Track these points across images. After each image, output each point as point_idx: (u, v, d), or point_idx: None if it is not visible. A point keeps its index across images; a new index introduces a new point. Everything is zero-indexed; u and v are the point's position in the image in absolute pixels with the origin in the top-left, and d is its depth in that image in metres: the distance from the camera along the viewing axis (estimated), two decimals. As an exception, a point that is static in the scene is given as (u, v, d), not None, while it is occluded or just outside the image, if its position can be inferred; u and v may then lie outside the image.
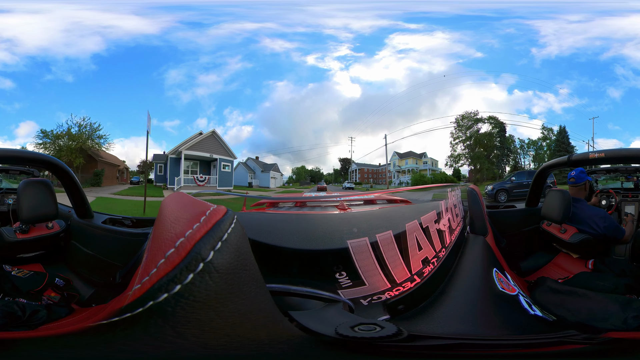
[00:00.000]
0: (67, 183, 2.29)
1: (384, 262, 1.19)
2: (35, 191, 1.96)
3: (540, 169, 3.04)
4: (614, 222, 2.44)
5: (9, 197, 3.41)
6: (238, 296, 0.58)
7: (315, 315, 0.88)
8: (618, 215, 3.80)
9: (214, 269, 0.55)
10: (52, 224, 2.10)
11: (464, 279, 1.39)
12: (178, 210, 0.69)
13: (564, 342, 0.91)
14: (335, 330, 0.73)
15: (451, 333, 1.08)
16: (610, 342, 0.91)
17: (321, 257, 1.18)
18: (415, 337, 0.79)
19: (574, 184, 2.69)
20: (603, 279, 1.97)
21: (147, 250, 0.70)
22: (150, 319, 0.54)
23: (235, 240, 0.59)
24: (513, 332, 1.17)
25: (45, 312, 1.39)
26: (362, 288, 1.16)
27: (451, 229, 1.71)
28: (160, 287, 0.53)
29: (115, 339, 0.58)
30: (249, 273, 0.60)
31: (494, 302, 1.31)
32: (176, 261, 0.54)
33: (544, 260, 2.68)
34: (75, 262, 2.25)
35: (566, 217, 2.43)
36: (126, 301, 0.56)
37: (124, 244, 2.11)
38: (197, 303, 0.54)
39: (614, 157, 2.29)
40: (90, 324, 0.62)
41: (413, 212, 1.46)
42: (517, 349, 0.91)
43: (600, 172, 4.37)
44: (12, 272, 1.81)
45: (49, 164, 2.14)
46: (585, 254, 2.42)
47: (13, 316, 1.29)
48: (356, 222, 1.32)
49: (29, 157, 2.28)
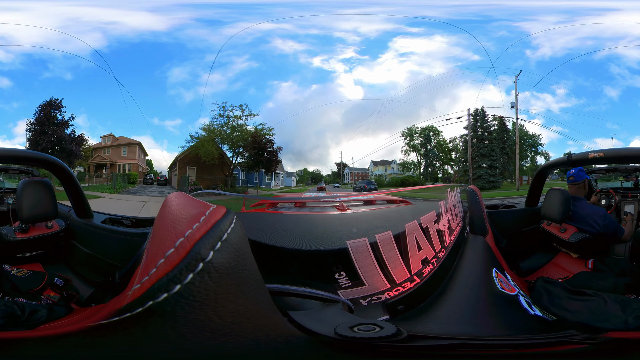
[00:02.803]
0: (67, 182, 2.29)
1: (384, 263, 1.19)
2: (34, 191, 1.96)
3: (540, 169, 3.05)
4: (614, 221, 2.44)
5: (8, 196, 3.42)
6: (237, 296, 0.58)
7: (314, 316, 0.88)
8: (617, 214, 3.80)
9: (213, 269, 0.55)
10: (52, 223, 2.10)
11: (464, 279, 1.39)
12: (178, 210, 0.69)
13: (565, 342, 0.91)
14: (335, 331, 0.73)
15: (451, 333, 1.08)
16: (611, 342, 0.91)
17: (320, 258, 1.18)
18: (414, 338, 0.79)
19: (573, 182, 2.69)
20: (603, 279, 1.98)
21: (146, 250, 0.70)
22: (149, 319, 0.54)
23: (235, 240, 0.59)
24: (513, 332, 1.17)
25: (44, 311, 1.38)
26: (361, 288, 1.16)
27: (451, 229, 1.71)
28: (160, 287, 0.53)
29: (115, 338, 0.58)
30: (248, 273, 0.60)
31: (494, 302, 1.31)
32: (176, 261, 0.54)
33: (543, 260, 2.68)
34: (74, 261, 2.24)
35: (566, 216, 2.43)
36: (126, 301, 0.56)
37: (123, 243, 2.11)
38: (196, 303, 0.54)
39: (613, 157, 2.30)
40: (90, 323, 0.62)
41: (412, 212, 1.46)
42: (517, 349, 0.91)
43: (599, 171, 4.37)
44: (11, 271, 1.80)
45: (49, 164, 2.14)
46: (584, 254, 2.42)
47: (12, 316, 1.28)
48: (355, 223, 1.32)
49: (28, 157, 2.28)
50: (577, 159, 2.40)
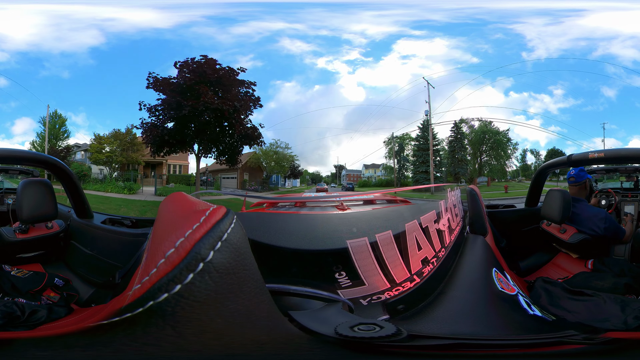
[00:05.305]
0: (67, 183, 2.29)
1: (384, 262, 1.19)
2: (34, 191, 1.96)
3: (540, 169, 3.04)
4: (614, 223, 2.44)
5: (8, 197, 3.42)
6: (238, 296, 0.58)
7: (314, 315, 0.88)
8: (617, 215, 3.80)
9: (213, 269, 0.55)
10: (52, 224, 2.10)
11: (464, 279, 1.39)
12: (178, 210, 0.69)
13: (564, 342, 0.91)
14: (335, 330, 0.73)
15: (451, 333, 1.08)
16: (610, 342, 0.91)
17: (321, 257, 1.18)
18: (414, 337, 0.79)
19: (575, 183, 2.68)
20: (602, 279, 1.97)
21: (146, 250, 0.70)
22: (150, 319, 0.54)
23: (235, 240, 0.59)
24: (512, 331, 1.17)
25: (44, 312, 1.38)
26: (361, 288, 1.16)
27: (451, 229, 1.71)
28: (160, 287, 0.53)
29: (115, 339, 0.58)
30: (248, 273, 0.60)
31: (494, 302, 1.31)
32: (176, 261, 0.54)
33: (543, 260, 2.68)
34: (74, 262, 2.24)
35: (566, 217, 2.43)
36: (126, 301, 0.56)
37: (123, 244, 2.11)
38: (197, 303, 0.54)
39: (613, 157, 2.29)
40: (90, 324, 0.62)
41: (413, 212, 1.46)
42: (517, 349, 0.91)
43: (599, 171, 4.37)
44: (11, 272, 1.80)
45: (49, 164, 2.14)
46: (584, 254, 2.42)
47: (12, 316, 1.28)
48: (356, 222, 1.32)
49: (28, 157, 2.28)
50: (577, 159, 2.39)
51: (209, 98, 16.99)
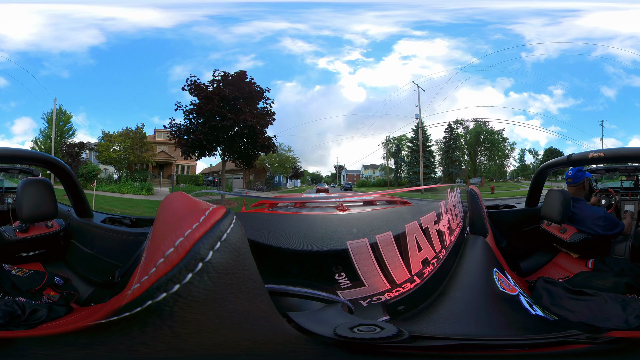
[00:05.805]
0: (67, 182, 2.29)
1: (384, 263, 1.19)
2: (34, 190, 1.96)
3: (540, 169, 3.04)
4: (613, 220, 2.43)
5: (8, 196, 3.42)
6: (237, 296, 0.58)
7: (313, 316, 0.87)
8: (617, 214, 3.80)
9: (212, 269, 0.54)
10: (52, 223, 2.10)
11: (464, 280, 1.39)
12: (177, 210, 0.69)
13: (567, 342, 0.90)
14: (334, 331, 0.73)
15: (452, 334, 1.08)
16: (613, 342, 0.91)
17: (320, 258, 1.17)
18: (416, 338, 0.79)
19: (572, 184, 2.68)
20: (603, 279, 1.97)
21: (146, 249, 0.70)
22: (148, 319, 0.54)
23: (235, 241, 0.59)
24: (514, 332, 1.17)
25: (44, 311, 1.38)
26: (361, 289, 1.15)
27: (451, 229, 1.70)
28: (159, 286, 0.53)
29: (113, 338, 0.58)
30: (247, 273, 0.60)
31: (495, 303, 1.31)
32: (175, 261, 0.53)
33: (544, 260, 2.68)
34: (74, 261, 2.24)
35: (566, 217, 2.43)
36: (125, 300, 0.55)
37: (123, 243, 2.11)
38: (195, 303, 0.54)
39: (613, 156, 2.29)
40: (89, 323, 0.61)
41: (413, 213, 1.46)
42: (519, 349, 0.91)
43: (599, 171, 4.36)
44: (11, 271, 1.80)
45: (49, 163, 2.14)
46: (585, 254, 2.41)
47: (13, 315, 1.28)
48: (355, 223, 1.31)
49: (28, 156, 2.28)
50: (577, 158, 2.39)
51: (246, 115, 19.94)
